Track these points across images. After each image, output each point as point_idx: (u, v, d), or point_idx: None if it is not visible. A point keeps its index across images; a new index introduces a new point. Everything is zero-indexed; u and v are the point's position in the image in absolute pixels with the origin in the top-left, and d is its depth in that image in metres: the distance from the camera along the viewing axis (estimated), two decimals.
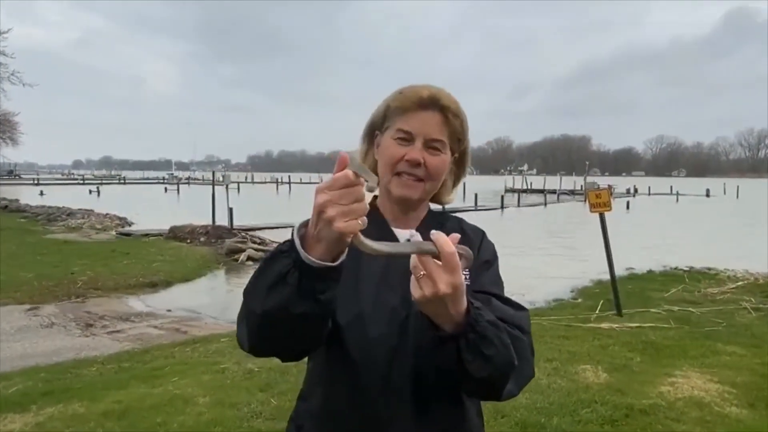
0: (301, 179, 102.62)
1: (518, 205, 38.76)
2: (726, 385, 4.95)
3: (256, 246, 15.29)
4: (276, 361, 1.12)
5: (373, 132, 1.29)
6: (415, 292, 0.94)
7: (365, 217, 0.89)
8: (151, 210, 31.17)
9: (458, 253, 0.93)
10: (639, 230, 22.83)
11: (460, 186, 1.37)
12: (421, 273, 0.92)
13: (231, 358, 5.88)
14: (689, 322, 7.34)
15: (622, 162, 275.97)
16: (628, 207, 36.57)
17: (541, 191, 51.99)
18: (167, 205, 38.33)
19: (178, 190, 57.34)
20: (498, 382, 1.05)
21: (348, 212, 0.87)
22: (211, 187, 21.68)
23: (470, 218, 1.37)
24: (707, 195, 59.71)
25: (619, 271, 10.24)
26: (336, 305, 1.07)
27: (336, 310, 1.13)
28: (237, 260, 14.02)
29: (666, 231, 22.97)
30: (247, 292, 1.01)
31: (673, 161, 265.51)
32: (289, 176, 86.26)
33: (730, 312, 7.92)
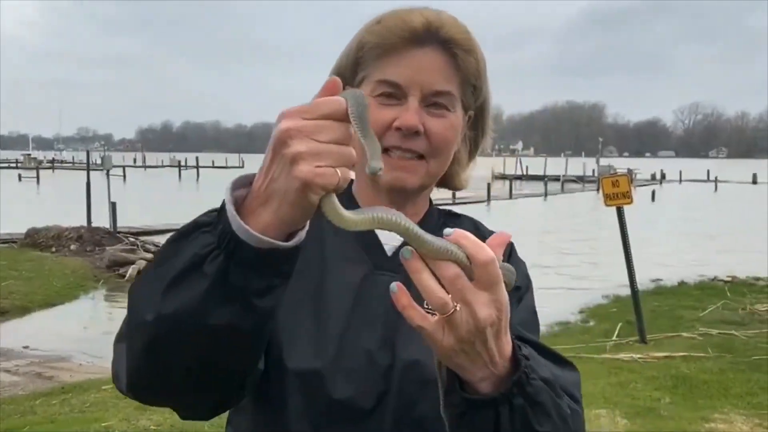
0: (213, 162, 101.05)
1: (510, 197, 39.41)
2: None
3: (150, 256, 14.97)
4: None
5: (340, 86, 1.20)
6: (445, 338, 0.81)
7: (349, 172, 0.78)
8: None
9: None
10: (667, 229, 23.61)
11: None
12: (454, 307, 0.79)
13: (116, 413, 5.76)
14: (732, 349, 7.65)
15: (646, 138, 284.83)
16: (653, 198, 37.79)
17: (541, 178, 53.00)
18: (22, 199, 37.07)
19: (37, 177, 55.56)
20: None
21: (324, 153, 0.75)
22: (85, 173, 21.09)
23: None
24: (754, 181, 62.34)
25: (643, 283, 10.55)
26: (276, 323, 0.95)
27: (281, 342, 1.02)
28: (123, 276, 13.76)
29: (702, 229, 23.80)
30: (135, 290, 0.86)
31: (712, 137, 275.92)
32: (196, 157, 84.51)
33: None
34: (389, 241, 1.13)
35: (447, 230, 0.81)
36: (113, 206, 18.32)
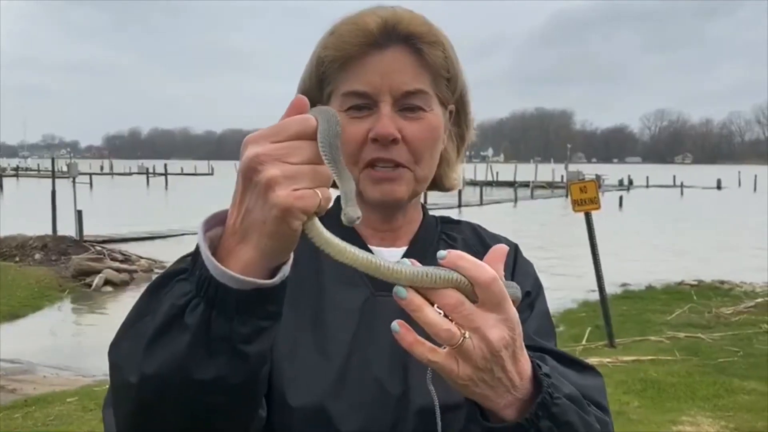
0: (182, 169, 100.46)
1: (480, 203, 39.64)
2: None
3: (117, 264, 14.81)
4: None
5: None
6: (460, 369, 0.76)
7: (329, 191, 0.73)
8: None
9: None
10: (635, 234, 23.91)
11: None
12: (462, 336, 0.75)
13: (81, 426, 5.68)
14: (698, 352, 7.78)
15: (614, 145, 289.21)
16: (621, 204, 38.25)
17: (511, 184, 53.41)
18: None
19: (1, 185, 54.63)
20: None
21: (300, 175, 0.71)
22: (50, 180, 20.77)
23: None
24: (718, 187, 63.62)
25: (611, 288, 10.66)
26: (270, 366, 0.88)
27: (282, 380, 0.95)
28: (90, 285, 13.58)
29: (668, 234, 24.21)
30: (115, 351, 0.80)
31: (677, 143, 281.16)
32: (165, 164, 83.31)
33: (747, 337, 8.45)
34: (390, 256, 1.06)
35: (440, 253, 0.76)
36: (79, 214, 18.05)
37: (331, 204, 0.73)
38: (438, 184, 1.16)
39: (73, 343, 10.08)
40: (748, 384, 6.50)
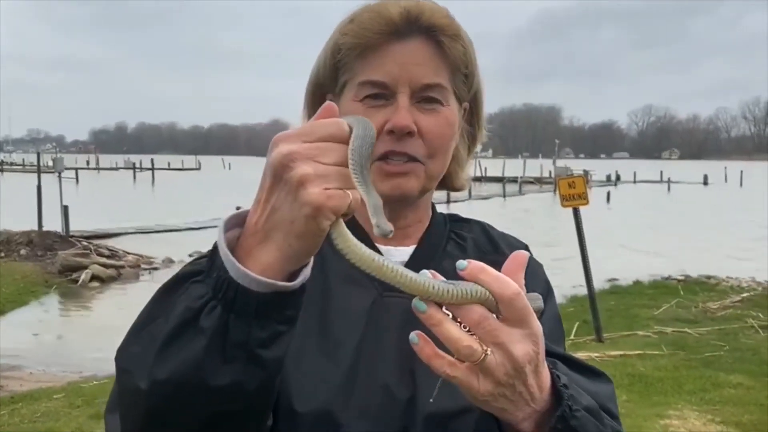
0: (169, 164, 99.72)
1: (469, 198, 39.69)
2: (730, 425, 5.36)
3: (104, 260, 14.77)
4: None
5: (321, 96, 1.07)
6: (481, 385, 0.74)
7: (358, 193, 0.73)
8: None
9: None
10: (622, 229, 24.03)
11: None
12: (484, 352, 0.73)
13: (68, 423, 5.66)
14: (685, 346, 7.86)
15: (601, 140, 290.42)
16: (608, 199, 38.39)
17: (499, 179, 53.57)
18: None
19: None
20: None
21: (332, 175, 0.70)
22: (36, 175, 20.61)
23: None
24: (705, 183, 64.10)
25: (599, 283, 10.74)
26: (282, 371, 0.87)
27: (288, 383, 0.93)
28: (76, 281, 13.54)
29: (656, 230, 24.34)
30: (123, 355, 0.78)
31: (664, 139, 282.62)
32: (151, 159, 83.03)
33: (733, 332, 8.55)
34: (398, 255, 1.05)
35: (460, 263, 0.74)
36: (65, 209, 17.95)
37: (357, 206, 0.73)
38: (447, 183, 1.14)
39: (59, 339, 10.04)
40: (734, 378, 6.58)
